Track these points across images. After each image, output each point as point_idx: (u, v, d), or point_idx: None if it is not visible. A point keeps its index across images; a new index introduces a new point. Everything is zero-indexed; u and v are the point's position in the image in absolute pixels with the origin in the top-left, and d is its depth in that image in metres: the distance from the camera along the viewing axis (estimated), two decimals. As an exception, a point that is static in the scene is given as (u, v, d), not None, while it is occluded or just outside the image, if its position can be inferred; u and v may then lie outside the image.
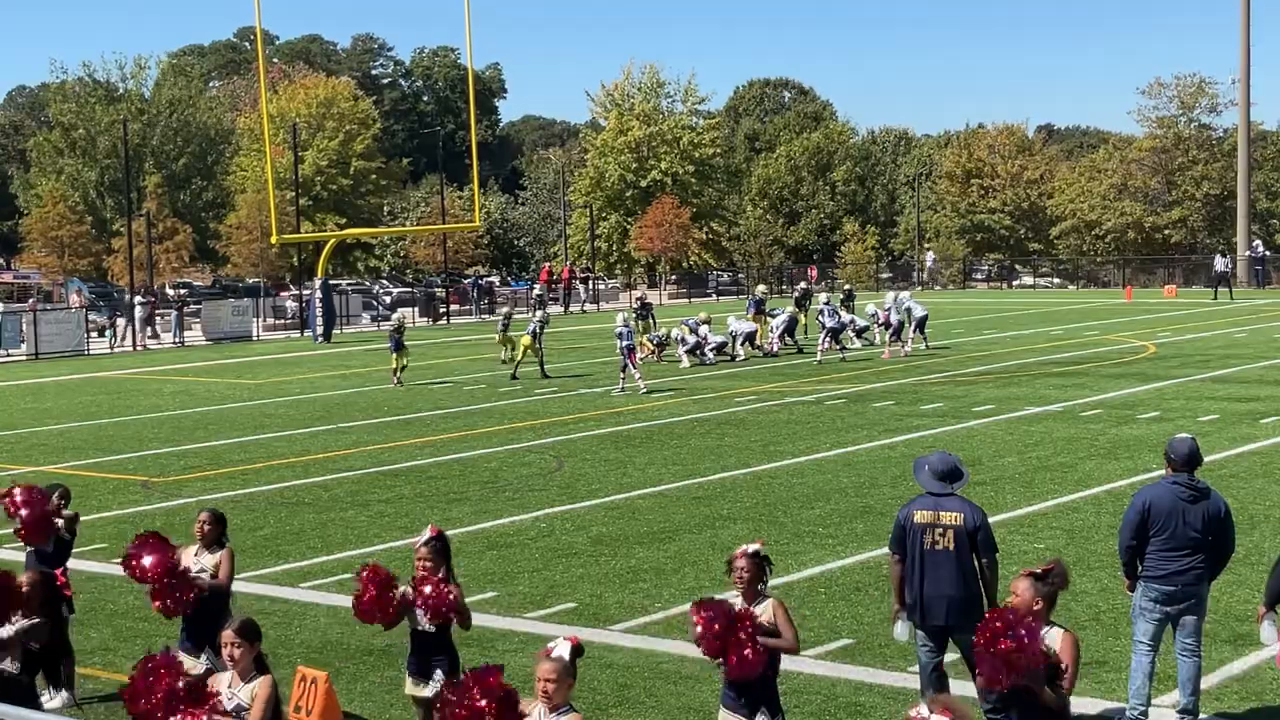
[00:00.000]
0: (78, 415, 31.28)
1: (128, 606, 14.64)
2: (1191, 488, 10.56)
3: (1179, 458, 10.66)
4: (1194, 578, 10.46)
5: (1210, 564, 10.55)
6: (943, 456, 10.59)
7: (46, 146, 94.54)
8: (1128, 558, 10.73)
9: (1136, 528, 10.60)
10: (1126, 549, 10.69)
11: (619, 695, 11.53)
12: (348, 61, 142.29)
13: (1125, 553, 10.73)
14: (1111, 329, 46.95)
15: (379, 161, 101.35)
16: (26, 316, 51.33)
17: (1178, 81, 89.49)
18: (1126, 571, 10.82)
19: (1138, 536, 10.61)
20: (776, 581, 10.62)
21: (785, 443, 24.33)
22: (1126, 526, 10.70)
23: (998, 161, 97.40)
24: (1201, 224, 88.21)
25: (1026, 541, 16.33)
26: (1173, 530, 10.46)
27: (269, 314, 63.64)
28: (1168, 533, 10.47)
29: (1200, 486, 10.61)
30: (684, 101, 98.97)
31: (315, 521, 18.77)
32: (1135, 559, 10.69)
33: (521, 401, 31.38)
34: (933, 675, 10.43)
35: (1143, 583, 10.59)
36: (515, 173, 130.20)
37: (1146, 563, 10.59)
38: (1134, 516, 10.65)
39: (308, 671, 11.23)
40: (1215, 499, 10.65)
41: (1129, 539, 10.65)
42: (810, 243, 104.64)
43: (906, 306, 40.08)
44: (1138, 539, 10.61)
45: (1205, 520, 10.47)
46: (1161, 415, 26.32)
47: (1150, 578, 10.54)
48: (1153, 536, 10.54)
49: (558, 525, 18.07)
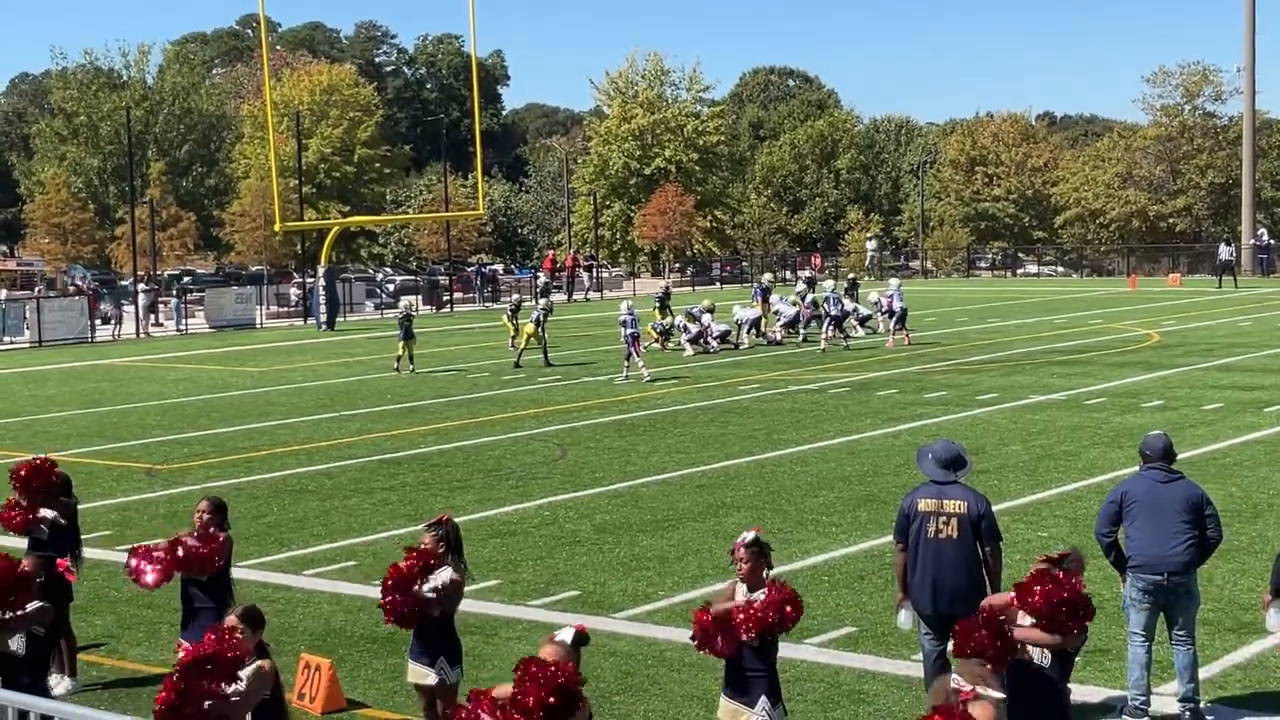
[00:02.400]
0: (81, 402, 31.29)
1: (131, 594, 14.62)
2: (1167, 472, 10.69)
3: (1154, 452, 10.80)
4: (1179, 565, 10.47)
5: (1195, 551, 10.55)
6: (946, 445, 10.59)
7: (49, 133, 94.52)
8: (1104, 548, 10.84)
9: (1111, 517, 10.75)
10: (1101, 538, 10.82)
11: (622, 683, 11.53)
12: (351, 49, 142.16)
13: (1101, 542, 10.84)
14: (1116, 317, 46.90)
15: (382, 149, 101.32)
16: (30, 304, 51.36)
17: (1182, 70, 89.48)
18: (1113, 563, 10.88)
19: (1111, 525, 10.75)
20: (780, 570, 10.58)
21: (789, 431, 24.32)
22: (1101, 516, 10.85)
23: (1002, 149, 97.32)
24: (1206, 213, 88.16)
25: (1030, 530, 16.33)
26: (1152, 513, 10.53)
27: (272, 301, 63.66)
28: (1146, 515, 10.54)
29: (1175, 472, 10.73)
30: (688, 90, 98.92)
31: (319, 509, 18.77)
32: (1112, 550, 10.78)
33: (525, 389, 31.37)
34: (936, 663, 10.42)
35: (1131, 574, 10.65)
36: (519, 160, 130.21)
37: (1130, 552, 10.65)
38: (1109, 507, 10.82)
39: (311, 659, 11.25)
40: (1193, 485, 10.75)
41: (1101, 528, 10.80)
42: (814, 231, 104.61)
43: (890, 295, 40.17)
44: (1109, 529, 10.74)
45: (1184, 499, 10.54)
46: (1166, 404, 26.30)
47: (1136, 567, 10.60)
48: (1134, 524, 10.62)
49: (561, 513, 18.07)
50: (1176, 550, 10.46)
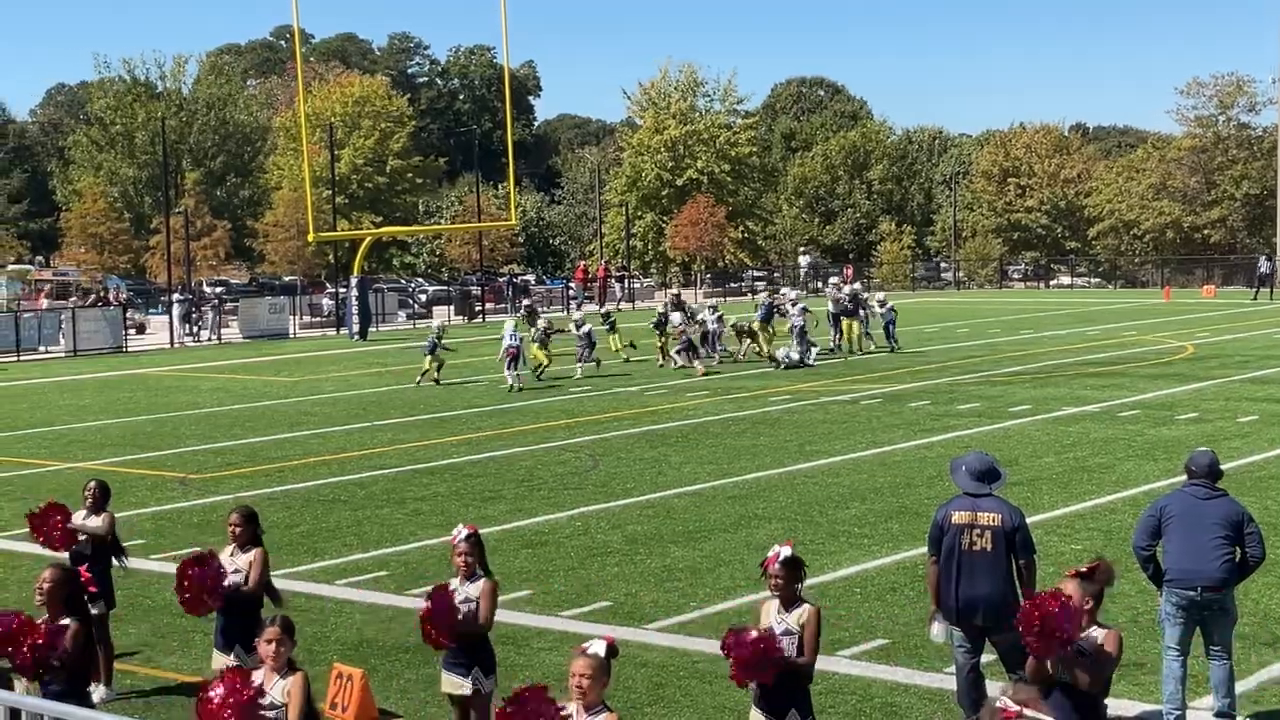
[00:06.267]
0: (116, 412, 31.46)
1: (165, 602, 14.70)
2: (1209, 489, 10.60)
3: (1199, 469, 10.71)
4: (1214, 581, 10.38)
5: (1232, 568, 10.48)
6: (980, 456, 10.55)
7: (86, 143, 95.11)
8: (1141, 561, 10.78)
9: (1149, 531, 10.69)
10: (1139, 551, 10.75)
11: (654, 694, 11.53)
12: (384, 60, 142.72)
13: (1139, 555, 10.77)
14: (1149, 329, 46.68)
15: (415, 160, 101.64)
16: (65, 314, 51.67)
17: (1216, 80, 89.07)
18: (1150, 577, 10.82)
19: (1149, 539, 10.68)
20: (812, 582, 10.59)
21: (820, 442, 24.29)
22: (1139, 530, 10.79)
23: (1035, 160, 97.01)
24: (1241, 224, 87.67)
25: (1064, 542, 16.26)
26: (1189, 528, 10.46)
27: (305, 312, 63.88)
28: (1183, 530, 10.48)
29: (1218, 490, 10.62)
30: (722, 101, 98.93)
31: (351, 519, 18.83)
32: (1150, 564, 10.70)
33: (557, 400, 31.40)
34: (969, 676, 10.39)
35: (1166, 588, 10.60)
36: (551, 171, 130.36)
37: (1166, 565, 10.59)
38: (1147, 520, 10.76)
39: (344, 669, 11.26)
40: (1234, 502, 10.65)
41: (1139, 541, 10.74)
42: (846, 242, 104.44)
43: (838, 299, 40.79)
44: (1148, 542, 10.68)
45: (1223, 519, 10.44)
46: (1200, 416, 26.16)
47: (1170, 581, 10.54)
48: (1170, 538, 10.56)
49: (593, 524, 18.08)
50: (1211, 566, 10.39)
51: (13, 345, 47.86)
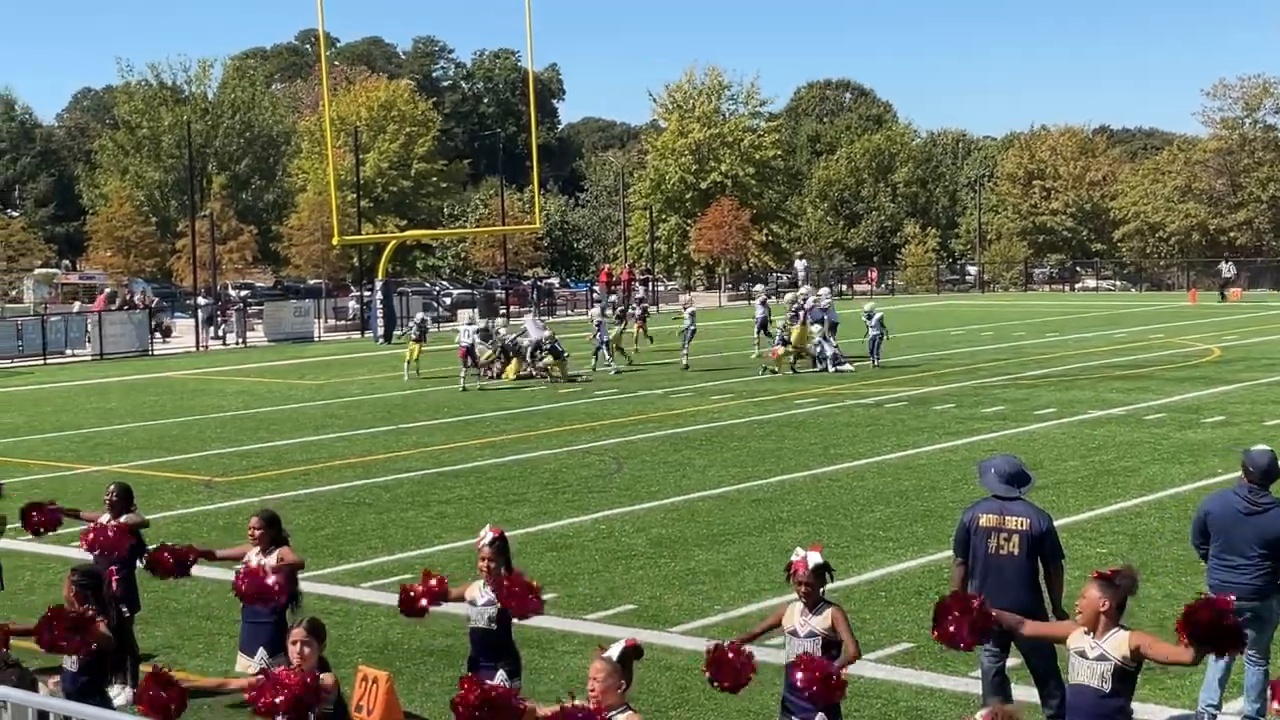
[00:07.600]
0: (142, 415, 31.57)
1: (191, 605, 14.79)
2: (1253, 501, 10.47)
3: (1255, 469, 10.55)
4: (1250, 591, 10.32)
5: (1268, 581, 10.41)
6: (1009, 459, 10.52)
7: (111, 146, 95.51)
8: (1201, 557, 10.95)
9: (1199, 531, 10.83)
10: (1196, 548, 10.98)
11: (678, 697, 11.53)
12: (408, 64, 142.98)
13: (1197, 551, 11.00)
14: (1175, 332, 46.50)
15: (439, 163, 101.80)
16: (91, 317, 51.90)
17: (1242, 82, 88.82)
18: None
19: (1200, 539, 10.81)
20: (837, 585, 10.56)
21: (845, 445, 24.25)
22: (1193, 529, 11.00)
23: (1060, 163, 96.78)
24: (1267, 226, 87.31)
25: (1089, 546, 16.20)
26: (1226, 540, 10.50)
27: (330, 315, 64.02)
28: (1221, 541, 10.53)
29: (1264, 501, 10.48)
30: (746, 104, 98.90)
31: (376, 522, 18.86)
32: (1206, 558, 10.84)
33: (581, 403, 31.42)
34: (995, 680, 10.37)
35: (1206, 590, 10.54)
36: (575, 174, 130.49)
37: (1209, 568, 10.65)
38: (1197, 521, 10.89)
39: (369, 671, 11.28)
40: (1276, 518, 10.43)
41: (1194, 539, 10.95)
42: (871, 245, 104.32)
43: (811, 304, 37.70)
44: (1200, 540, 10.81)
45: (1259, 535, 10.36)
46: (1226, 419, 26.04)
47: (1211, 586, 10.48)
48: (1211, 544, 10.60)
49: (617, 527, 18.08)
50: (1245, 578, 10.37)
51: (39, 348, 48.13)
